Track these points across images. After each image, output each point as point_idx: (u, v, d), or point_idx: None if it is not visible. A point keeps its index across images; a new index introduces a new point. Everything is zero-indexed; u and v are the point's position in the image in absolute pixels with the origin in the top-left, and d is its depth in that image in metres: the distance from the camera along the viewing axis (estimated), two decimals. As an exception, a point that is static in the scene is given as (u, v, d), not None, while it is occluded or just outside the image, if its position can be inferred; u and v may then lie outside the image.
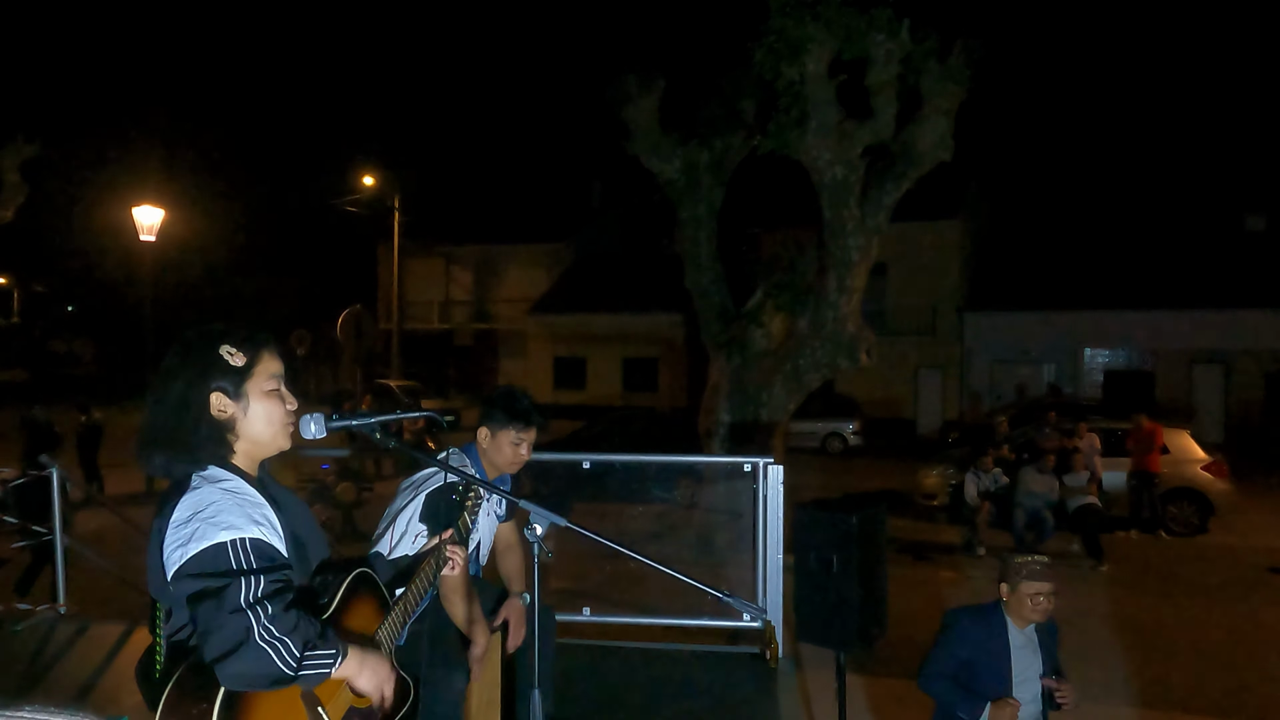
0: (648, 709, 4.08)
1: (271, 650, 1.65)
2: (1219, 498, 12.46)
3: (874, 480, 17.18)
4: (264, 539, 1.78)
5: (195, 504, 1.78)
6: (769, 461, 4.68)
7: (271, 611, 1.67)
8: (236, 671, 1.64)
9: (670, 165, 10.56)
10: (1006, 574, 3.43)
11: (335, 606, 1.94)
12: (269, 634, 1.65)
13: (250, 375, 1.92)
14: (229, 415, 1.90)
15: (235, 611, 1.65)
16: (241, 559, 1.72)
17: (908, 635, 7.49)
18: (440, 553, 2.26)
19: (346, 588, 1.98)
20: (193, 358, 1.91)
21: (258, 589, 1.69)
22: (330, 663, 1.76)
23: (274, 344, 1.99)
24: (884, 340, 11.40)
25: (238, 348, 1.92)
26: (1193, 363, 24.63)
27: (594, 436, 15.64)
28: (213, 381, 1.89)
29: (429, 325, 35.56)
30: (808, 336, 9.64)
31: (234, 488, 1.84)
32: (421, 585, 2.20)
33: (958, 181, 25.43)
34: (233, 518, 1.76)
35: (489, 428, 3.30)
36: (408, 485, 3.21)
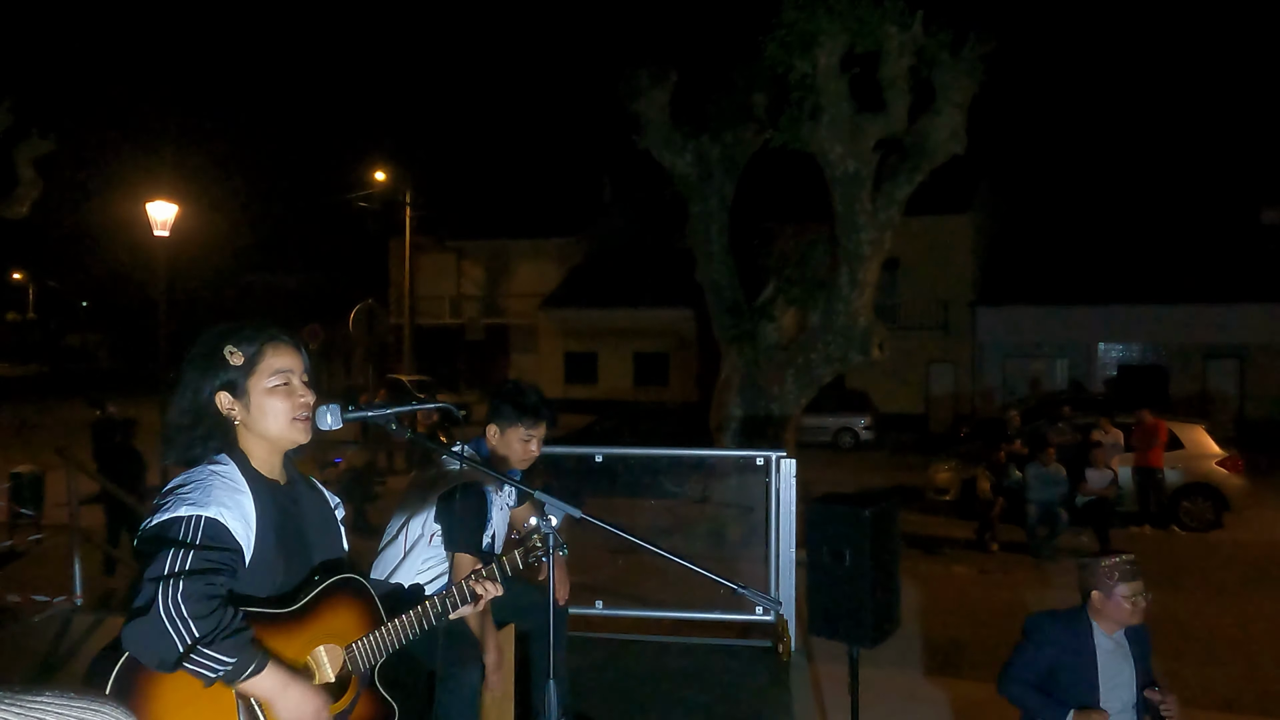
0: (660, 702, 4.09)
1: (169, 625, 1.62)
2: (1233, 493, 12.38)
3: (886, 475, 17.14)
4: (219, 519, 1.79)
5: (182, 479, 1.86)
6: (782, 455, 4.67)
7: (185, 589, 1.64)
8: (132, 635, 1.65)
9: (682, 159, 10.54)
10: (1096, 579, 3.25)
11: (302, 606, 1.88)
12: (174, 608, 1.63)
13: (251, 373, 1.95)
14: (234, 413, 1.95)
15: (152, 580, 1.67)
16: (186, 533, 1.74)
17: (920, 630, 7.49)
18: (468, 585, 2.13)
19: (323, 590, 1.93)
20: (200, 359, 1.96)
21: (184, 561, 1.69)
22: (225, 669, 1.66)
23: (282, 339, 1.99)
24: (896, 335, 11.38)
25: (238, 347, 1.95)
26: (1207, 357, 24.46)
27: (605, 431, 15.66)
28: (217, 381, 1.94)
29: (440, 320, 35.63)
30: (819, 331, 9.62)
31: (224, 471, 1.89)
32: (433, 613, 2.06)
33: (970, 175, 25.31)
34: (200, 495, 1.80)
35: (497, 424, 3.30)
36: (419, 485, 3.21)
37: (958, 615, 8.59)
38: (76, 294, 48.08)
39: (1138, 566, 3.26)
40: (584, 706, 3.74)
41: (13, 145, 10.51)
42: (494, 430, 3.30)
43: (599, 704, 3.87)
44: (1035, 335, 25.92)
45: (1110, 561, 3.25)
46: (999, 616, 8.70)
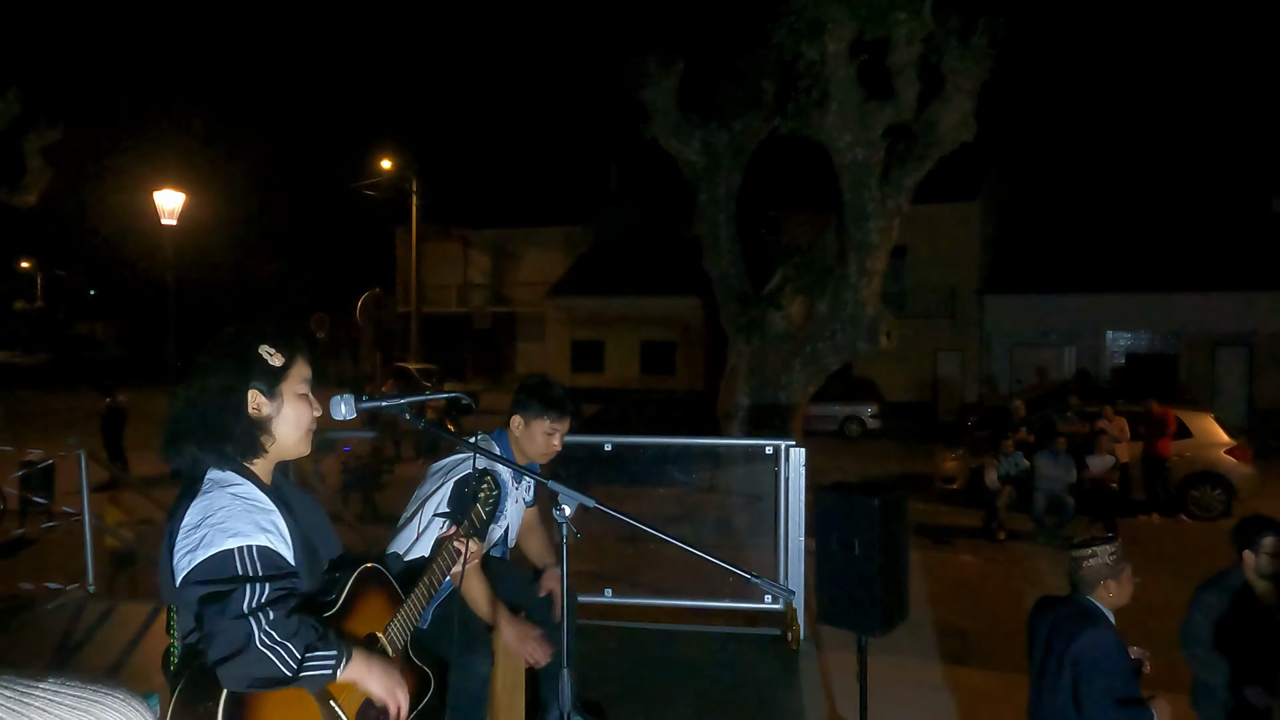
0: (670, 690, 4.11)
1: (272, 654, 1.67)
2: (1242, 482, 12.36)
3: (893, 464, 17.14)
4: (270, 546, 1.80)
5: (205, 509, 1.81)
6: (791, 444, 4.67)
7: (273, 617, 1.69)
8: (238, 675, 1.67)
9: (689, 147, 10.50)
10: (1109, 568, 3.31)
11: (341, 604, 1.95)
12: (270, 639, 1.67)
13: (286, 376, 1.96)
14: (265, 414, 1.94)
15: (238, 617, 1.68)
16: (247, 566, 1.75)
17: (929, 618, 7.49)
18: (449, 545, 2.27)
19: (353, 584, 1.99)
20: (234, 354, 1.94)
21: (261, 595, 1.71)
22: (331, 666, 1.75)
23: (307, 350, 2.02)
24: (903, 323, 11.34)
25: (276, 348, 1.95)
26: (1216, 345, 24.35)
27: (612, 420, 15.67)
28: (252, 380, 1.92)
29: (447, 309, 35.65)
30: (827, 319, 9.60)
31: (244, 493, 1.86)
32: (433, 580, 2.20)
33: (978, 163, 25.17)
34: (241, 524, 1.79)
35: (523, 416, 3.30)
36: (438, 470, 3.21)
37: (966, 604, 8.61)
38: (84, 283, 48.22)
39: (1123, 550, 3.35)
40: (592, 694, 3.75)
41: (21, 134, 10.53)
42: (518, 421, 3.30)
43: (607, 692, 3.88)
44: (1043, 324, 25.83)
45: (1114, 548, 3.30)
46: (1007, 605, 8.71)
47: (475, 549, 2.33)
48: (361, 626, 1.99)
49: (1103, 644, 3.27)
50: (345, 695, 1.87)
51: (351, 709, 1.88)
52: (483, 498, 2.45)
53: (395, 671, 1.92)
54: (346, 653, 1.79)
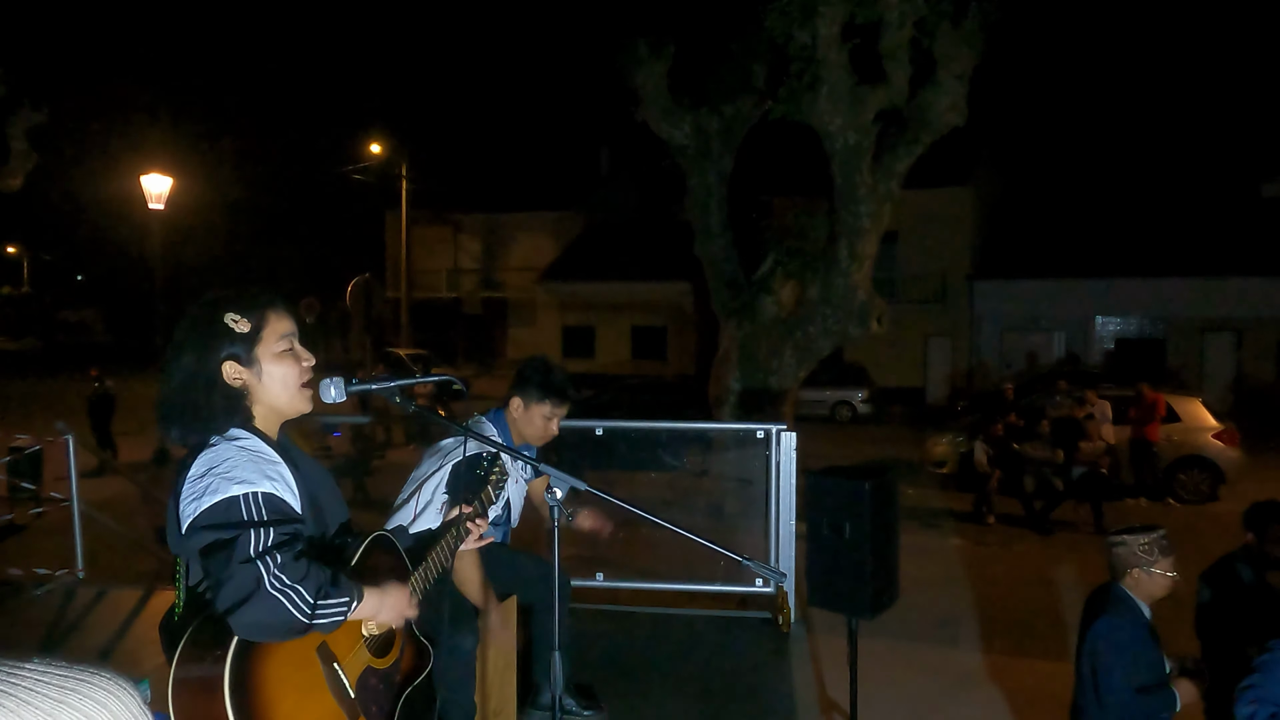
0: (661, 672, 4.12)
1: (284, 598, 1.66)
2: (1229, 466, 12.45)
3: (883, 448, 17.20)
4: (276, 493, 1.80)
5: (211, 460, 1.80)
6: (782, 428, 4.68)
7: (281, 560, 1.69)
8: (250, 621, 1.66)
9: (680, 131, 10.46)
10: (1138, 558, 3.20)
11: (354, 565, 1.94)
12: (280, 582, 1.67)
13: (259, 339, 1.91)
14: (244, 382, 1.90)
15: (245, 562, 1.67)
16: (253, 511, 1.74)
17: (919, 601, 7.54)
18: (460, 524, 2.27)
19: (365, 548, 1.99)
20: (198, 329, 1.90)
21: (267, 540, 1.71)
22: (345, 607, 1.76)
23: (280, 303, 1.97)
24: (894, 308, 11.34)
25: (241, 314, 1.90)
26: (1204, 330, 24.48)
27: (603, 405, 15.67)
28: (222, 351, 1.88)
29: (437, 294, 35.56)
30: (818, 304, 9.59)
31: (250, 445, 1.85)
32: (443, 555, 2.20)
33: (970, 149, 25.17)
34: (246, 473, 1.78)
35: (523, 399, 3.30)
36: (434, 452, 3.21)
37: (956, 587, 8.66)
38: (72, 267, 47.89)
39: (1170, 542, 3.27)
40: (584, 677, 3.76)
41: (6, 117, 10.42)
42: (518, 404, 3.31)
43: (599, 674, 3.90)
44: (1033, 309, 25.93)
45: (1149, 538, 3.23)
46: (996, 588, 8.77)
47: (484, 527, 2.34)
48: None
49: (1117, 630, 3.21)
50: (349, 659, 1.88)
51: (354, 675, 1.89)
52: (494, 479, 2.46)
53: (406, 596, 1.94)
54: (358, 592, 1.79)
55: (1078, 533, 10.84)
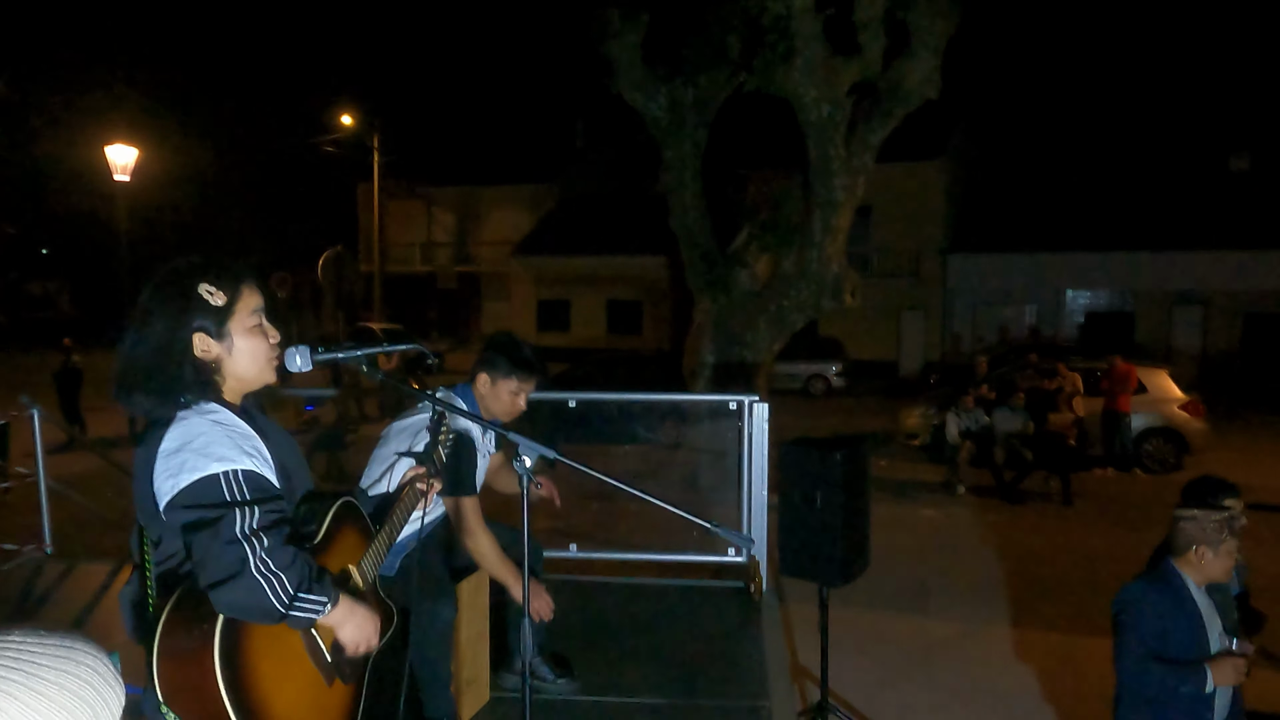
0: (635, 640, 4.16)
1: (265, 584, 1.66)
2: (1195, 436, 12.66)
3: (857, 421, 17.33)
4: (257, 470, 1.78)
5: (184, 434, 1.76)
6: (755, 400, 4.70)
7: (269, 544, 1.68)
8: (229, 600, 1.65)
9: (655, 103, 10.39)
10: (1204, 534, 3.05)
11: (323, 535, 1.94)
12: (265, 566, 1.66)
13: (232, 313, 1.87)
14: (214, 355, 1.86)
15: (231, 542, 1.66)
16: (235, 490, 1.71)
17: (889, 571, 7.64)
18: (413, 487, 2.27)
19: (333, 516, 1.99)
20: (171, 297, 1.84)
21: (253, 520, 1.69)
22: (320, 608, 1.76)
23: (253, 276, 1.93)
24: (868, 282, 11.42)
25: (217, 285, 1.86)
26: (1173, 304, 24.81)
27: (579, 379, 15.66)
28: (194, 322, 1.84)
29: (411, 268, 35.30)
30: (792, 277, 9.62)
31: (222, 419, 1.82)
32: (401, 515, 2.22)
33: (944, 122, 25.22)
34: (224, 449, 1.75)
35: (490, 374, 3.29)
36: (403, 429, 3.19)
37: (926, 556, 8.77)
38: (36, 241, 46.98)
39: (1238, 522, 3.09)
40: (558, 646, 3.79)
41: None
42: (485, 380, 3.29)
43: (573, 644, 3.93)
44: (1005, 283, 26.14)
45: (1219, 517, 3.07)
46: (966, 558, 8.90)
47: (437, 487, 2.35)
48: (338, 559, 1.99)
49: (1139, 597, 3.10)
50: (324, 625, 1.89)
51: (329, 638, 1.90)
52: (442, 438, 2.47)
53: (373, 623, 1.94)
54: (334, 597, 1.79)
55: (1047, 503, 11.01)
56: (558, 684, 3.59)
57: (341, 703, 1.95)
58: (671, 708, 3.52)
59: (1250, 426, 16.07)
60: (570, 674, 3.65)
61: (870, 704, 5.38)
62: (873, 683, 5.77)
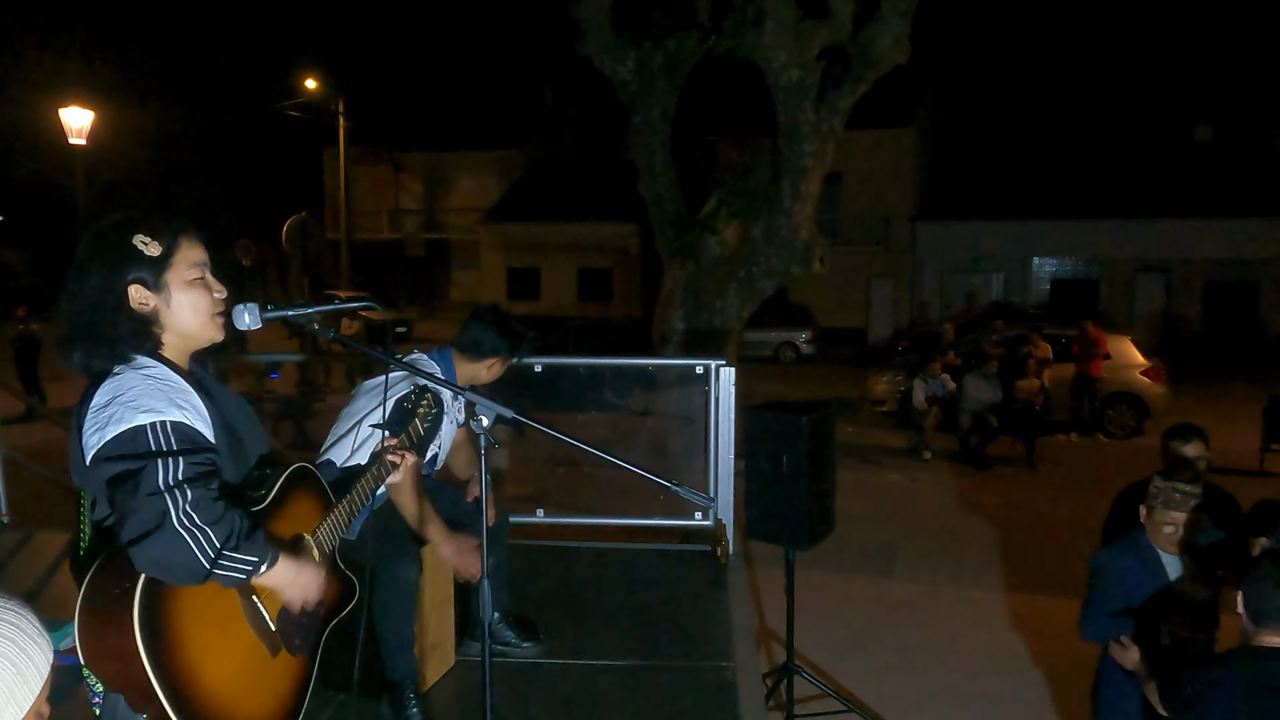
0: (602, 603, 4.17)
1: (189, 537, 1.60)
2: (1155, 401, 12.88)
3: (826, 388, 17.45)
4: (186, 422, 1.72)
5: (115, 388, 1.72)
6: (721, 364, 4.69)
7: (193, 496, 1.62)
8: (150, 556, 1.60)
9: (623, 67, 10.26)
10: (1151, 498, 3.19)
11: (271, 499, 1.89)
12: (189, 519, 1.60)
13: (169, 265, 1.82)
14: (151, 308, 1.81)
15: (153, 494, 1.61)
16: (161, 441, 1.66)
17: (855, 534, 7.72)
18: (385, 457, 2.23)
19: (285, 481, 1.94)
20: (106, 248, 1.80)
21: (177, 471, 1.64)
22: (250, 568, 1.69)
23: (193, 231, 1.88)
24: (837, 249, 11.44)
25: (153, 236, 1.81)
26: (1136, 271, 25.14)
27: (549, 347, 15.62)
28: (129, 273, 1.79)
29: (378, 235, 34.87)
30: (761, 244, 9.59)
31: (157, 374, 1.77)
32: (367, 486, 2.16)
33: (913, 90, 25.22)
34: (153, 401, 1.70)
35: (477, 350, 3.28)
36: (372, 387, 3.16)
37: (891, 520, 8.88)
38: (-8, 208, 45.87)
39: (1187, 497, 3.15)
40: (525, 611, 3.79)
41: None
42: (471, 352, 3.28)
43: (540, 608, 3.93)
44: (973, 250, 26.32)
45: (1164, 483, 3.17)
46: (931, 521, 9.02)
47: (412, 461, 2.30)
48: (290, 526, 1.94)
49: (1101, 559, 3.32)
50: (269, 593, 1.83)
51: (274, 608, 1.85)
52: (421, 412, 2.44)
53: (318, 581, 1.88)
54: (272, 556, 1.73)
55: (1011, 467, 11.17)
56: (523, 648, 3.60)
57: (288, 674, 1.89)
58: (637, 669, 3.53)
59: (1210, 392, 16.37)
60: (536, 638, 3.66)
61: (836, 665, 5.45)
62: (838, 644, 5.85)
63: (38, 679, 1.19)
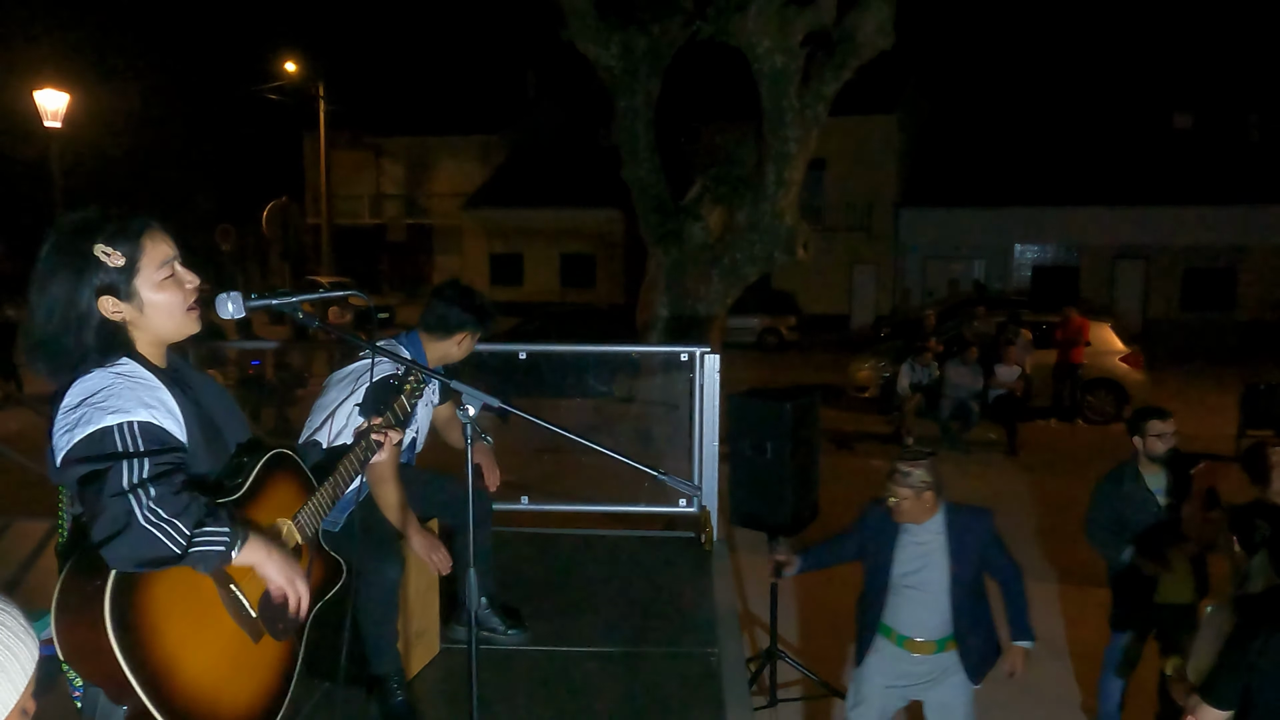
0: (586, 591, 4.18)
1: (158, 533, 1.60)
2: (1134, 387, 13.00)
3: (809, 374, 17.51)
4: (154, 421, 1.71)
5: (85, 389, 1.71)
6: (706, 351, 4.70)
7: (156, 494, 1.62)
8: (122, 555, 1.60)
9: (607, 52, 10.21)
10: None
11: (248, 488, 1.88)
12: (155, 516, 1.60)
13: (137, 270, 1.77)
14: (123, 316, 1.78)
15: (116, 495, 1.60)
16: (127, 441, 1.66)
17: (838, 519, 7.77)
18: (370, 436, 2.20)
19: (262, 467, 1.93)
20: (68, 259, 1.74)
21: (141, 471, 1.63)
22: (223, 544, 1.68)
23: (155, 225, 1.81)
24: (821, 236, 11.47)
25: (114, 245, 1.74)
26: (1116, 258, 25.32)
27: (531, 333, 15.58)
28: (95, 284, 1.74)
29: (360, 220, 34.64)
30: (745, 230, 9.59)
31: (128, 371, 1.75)
32: (350, 467, 2.14)
33: (897, 77, 25.23)
34: (122, 401, 1.69)
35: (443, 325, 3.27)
36: (343, 377, 3.15)
37: (874, 506, 8.91)
38: (-35, 192, 45.22)
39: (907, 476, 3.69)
40: (510, 598, 3.79)
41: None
42: (437, 330, 3.27)
43: (525, 595, 3.93)
44: (955, 237, 26.44)
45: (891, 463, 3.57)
46: (913, 506, 9.06)
47: (396, 437, 2.26)
48: (269, 513, 1.93)
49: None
50: (247, 580, 1.82)
51: (254, 595, 1.83)
52: (408, 389, 2.40)
53: (296, 562, 1.85)
54: (242, 534, 1.71)
55: (993, 453, 11.26)
56: (508, 635, 3.60)
57: (275, 659, 1.88)
58: (621, 655, 3.55)
59: (1188, 378, 16.54)
60: (521, 625, 3.66)
61: (819, 650, 5.49)
62: (821, 629, 5.89)
63: (22, 676, 1.18)
